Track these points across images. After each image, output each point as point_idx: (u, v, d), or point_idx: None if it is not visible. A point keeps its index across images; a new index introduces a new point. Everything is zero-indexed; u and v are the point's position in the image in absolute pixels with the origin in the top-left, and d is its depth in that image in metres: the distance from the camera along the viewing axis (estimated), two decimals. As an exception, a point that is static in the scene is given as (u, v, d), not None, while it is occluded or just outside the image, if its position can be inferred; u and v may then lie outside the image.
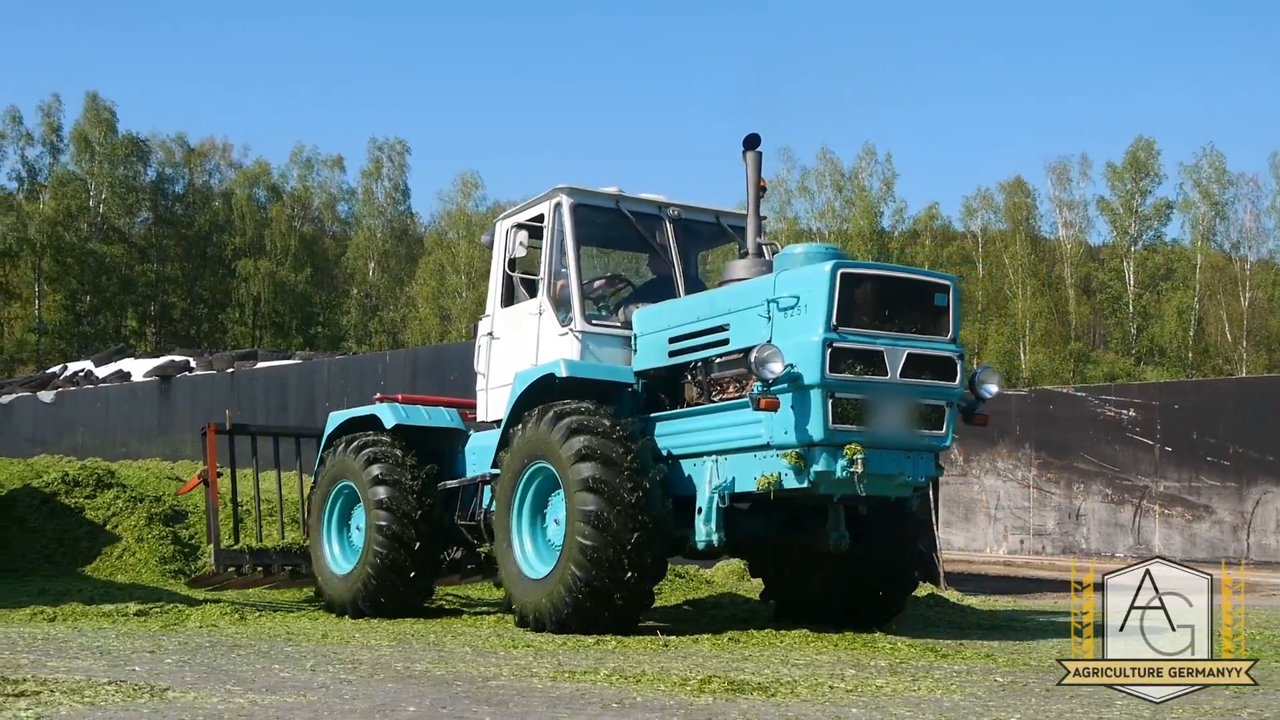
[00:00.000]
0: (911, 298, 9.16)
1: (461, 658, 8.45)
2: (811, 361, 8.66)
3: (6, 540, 16.19)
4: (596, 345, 10.38)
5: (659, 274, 11.38)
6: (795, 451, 8.82)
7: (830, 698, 6.79)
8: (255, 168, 73.20)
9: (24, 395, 38.36)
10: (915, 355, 8.98)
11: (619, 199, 11.00)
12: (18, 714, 5.84)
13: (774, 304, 9.05)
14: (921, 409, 9.09)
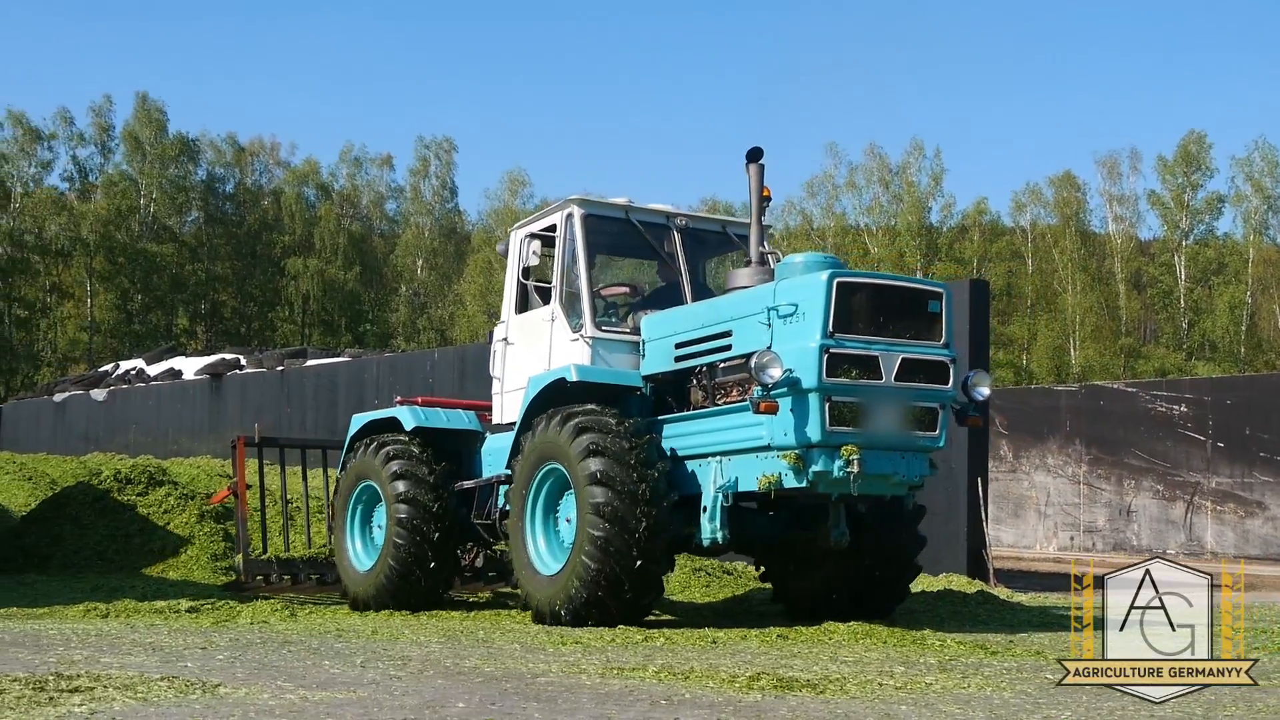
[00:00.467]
0: (906, 305, 9.48)
1: (510, 654, 8.47)
2: (809, 367, 8.99)
3: (60, 537, 16.35)
4: (606, 350, 10.73)
5: (667, 281, 11.67)
6: (794, 453, 9.16)
7: (879, 695, 6.76)
8: (304, 167, 73.68)
9: (77, 393, 38.78)
10: (909, 360, 9.29)
11: (629, 209, 11.37)
12: (72, 709, 5.90)
13: (774, 311, 9.40)
14: (916, 411, 9.43)
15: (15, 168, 64.72)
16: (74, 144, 67.08)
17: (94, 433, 36.13)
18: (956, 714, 6.16)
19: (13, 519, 18.26)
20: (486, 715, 6.00)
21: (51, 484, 20.75)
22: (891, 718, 6.03)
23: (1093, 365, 57.81)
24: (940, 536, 15.66)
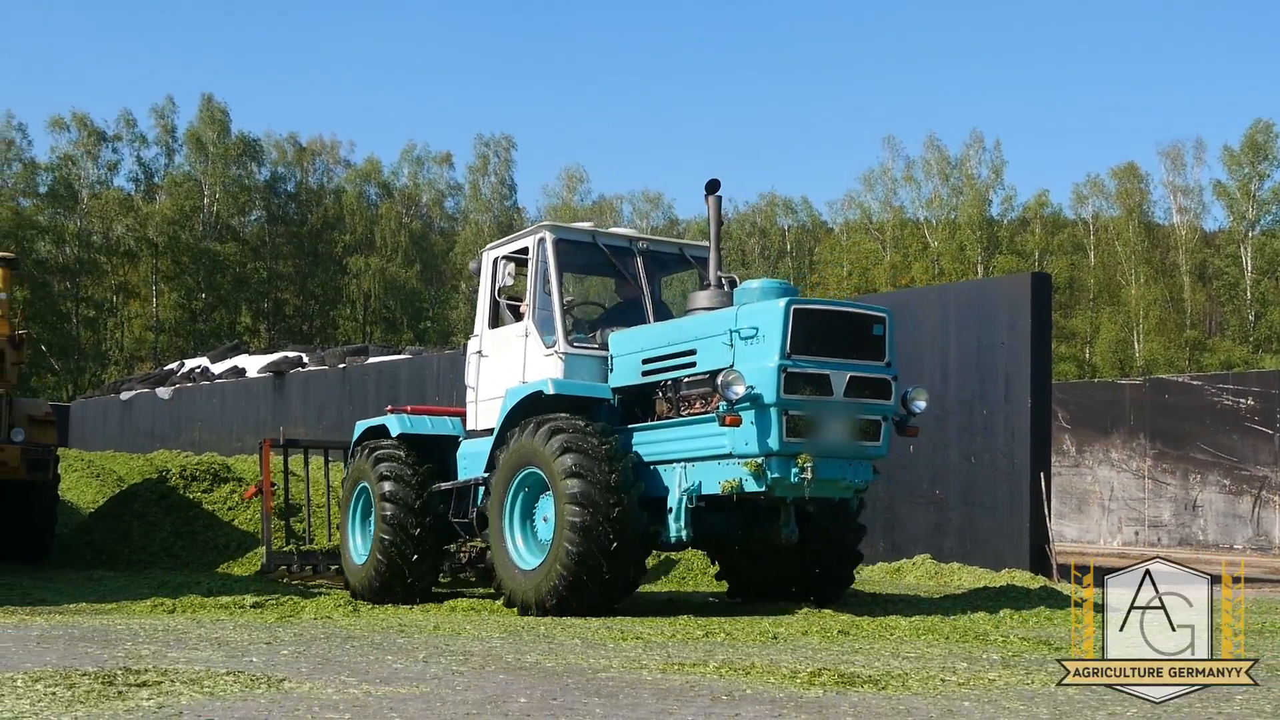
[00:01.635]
0: (853, 329, 10.50)
1: (571, 650, 8.49)
2: (769, 385, 9.96)
3: (127, 533, 16.56)
4: (577, 365, 11.60)
5: (628, 298, 12.56)
6: (756, 461, 10.07)
7: (942, 691, 6.73)
8: (365, 165, 74.18)
9: (143, 392, 39.24)
10: (856, 378, 10.30)
11: (595, 234, 12.33)
12: (140, 703, 5.98)
13: (736, 334, 10.36)
14: (862, 423, 10.44)
15: (82, 170, 65.60)
16: (138, 145, 67.94)
17: (160, 430, 36.55)
18: (1020, 711, 6.12)
19: (81, 515, 18.52)
20: (548, 710, 6.02)
21: (119, 481, 21.03)
22: (954, 714, 6.00)
23: (1157, 358, 57.16)
24: (1003, 532, 15.56)
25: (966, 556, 15.91)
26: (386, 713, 5.87)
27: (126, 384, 43.38)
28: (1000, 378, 15.85)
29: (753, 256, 70.49)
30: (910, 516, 16.80)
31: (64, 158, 65.57)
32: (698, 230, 71.97)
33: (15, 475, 14.81)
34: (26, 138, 66.81)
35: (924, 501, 16.64)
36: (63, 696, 6.11)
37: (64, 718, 5.62)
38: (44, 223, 64.67)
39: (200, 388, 36.59)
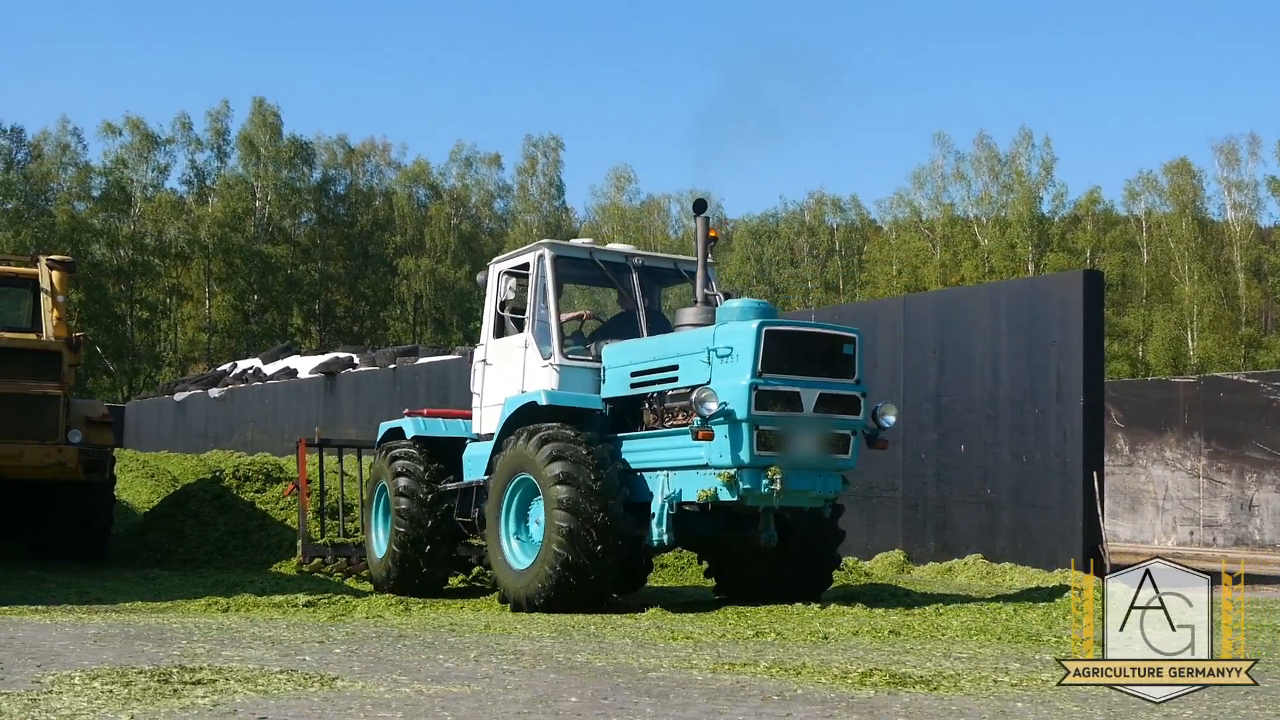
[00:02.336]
0: (823, 348, 11.09)
1: (622, 649, 8.50)
2: (741, 401, 10.53)
3: (181, 533, 16.70)
4: (572, 375, 12.20)
5: (626, 309, 13.16)
6: (728, 472, 10.67)
7: (995, 692, 6.69)
8: (415, 167, 74.53)
9: (196, 393, 39.60)
10: (826, 395, 10.88)
11: (592, 250, 12.89)
12: (195, 701, 6.04)
13: (713, 352, 10.94)
14: (831, 437, 11.04)
15: (135, 173, 66.28)
16: (192, 149, 68.61)
17: (213, 431, 36.87)
18: (1074, 712, 6.08)
19: (137, 515, 18.70)
20: (598, 710, 6.03)
21: (173, 481, 21.22)
22: (1007, 715, 5.97)
23: (1211, 356, 56.57)
24: (1055, 531, 15.46)
25: (1019, 556, 15.81)
26: (438, 711, 5.90)
27: (180, 385, 43.80)
28: (1052, 376, 15.74)
29: (801, 255, 70.32)
30: (961, 516, 16.71)
31: (117, 161, 66.28)
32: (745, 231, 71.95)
33: (73, 476, 14.96)
34: (81, 142, 67.74)
35: (975, 501, 16.55)
36: (119, 694, 6.18)
37: (121, 715, 5.68)
38: (98, 226, 65.39)
39: (253, 388, 36.88)
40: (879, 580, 15.43)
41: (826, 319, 19.41)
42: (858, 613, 11.18)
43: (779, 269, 69.25)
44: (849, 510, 18.13)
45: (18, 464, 14.58)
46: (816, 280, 68.86)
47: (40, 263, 16.65)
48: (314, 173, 71.51)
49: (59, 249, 51.13)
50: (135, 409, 45.39)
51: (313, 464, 16.55)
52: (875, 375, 17.90)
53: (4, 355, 14.74)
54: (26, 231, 60.49)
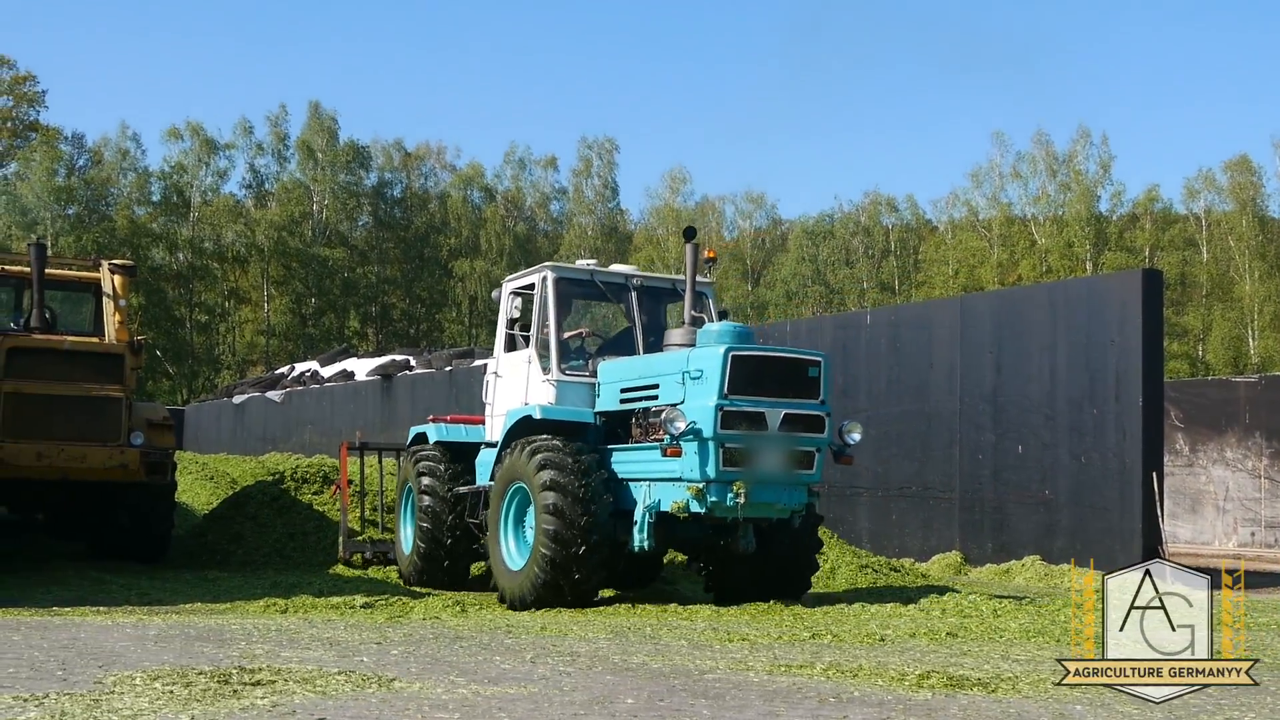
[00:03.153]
0: (789, 371, 11.86)
1: (678, 651, 8.50)
2: (708, 420, 11.34)
3: (240, 535, 16.84)
4: (570, 390, 13.00)
5: (626, 327, 13.86)
6: (697, 486, 11.49)
7: (1053, 694, 6.65)
8: (469, 170, 74.84)
9: (255, 395, 39.93)
10: (791, 414, 11.64)
11: (593, 272, 13.72)
12: (255, 702, 6.09)
13: (687, 374, 11.74)
14: (796, 454, 11.75)
15: (194, 177, 66.96)
16: (252, 154, 69.23)
17: (271, 433, 37.16)
18: (1134, 715, 6.03)
19: (196, 517, 18.87)
20: (655, 712, 6.03)
21: (232, 483, 21.40)
22: (1066, 718, 5.92)
23: (1272, 355, 55.82)
24: (1114, 533, 15.33)
25: (1077, 558, 15.68)
26: (495, 712, 5.93)
27: (239, 388, 44.17)
28: (1111, 376, 15.61)
29: (857, 255, 70.04)
30: (1019, 517, 16.59)
31: (177, 166, 66.98)
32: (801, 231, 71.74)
33: (134, 478, 15.09)
34: (140, 147, 68.49)
35: (1033, 502, 16.43)
36: (180, 695, 6.24)
37: (181, 716, 5.74)
38: (158, 230, 66.07)
39: (310, 391, 37.13)
40: (936, 580, 15.34)
41: (882, 320, 19.34)
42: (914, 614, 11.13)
43: (834, 270, 68.99)
44: (906, 511, 18.09)
45: (81, 466, 14.73)
46: (872, 281, 68.56)
47: (102, 267, 16.84)
48: (370, 176, 71.96)
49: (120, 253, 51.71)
50: (195, 411, 45.83)
51: (356, 465, 17.51)
52: (931, 375, 17.82)
53: (67, 358, 14.90)
54: (88, 236, 61.18)
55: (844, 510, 19.02)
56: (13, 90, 69.08)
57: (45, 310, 15.96)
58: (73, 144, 68.49)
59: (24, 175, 64.84)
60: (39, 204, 62.10)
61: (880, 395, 18.72)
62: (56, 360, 14.80)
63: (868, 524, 18.67)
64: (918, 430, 18.04)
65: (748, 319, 65.37)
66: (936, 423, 17.76)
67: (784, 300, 67.66)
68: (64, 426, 14.67)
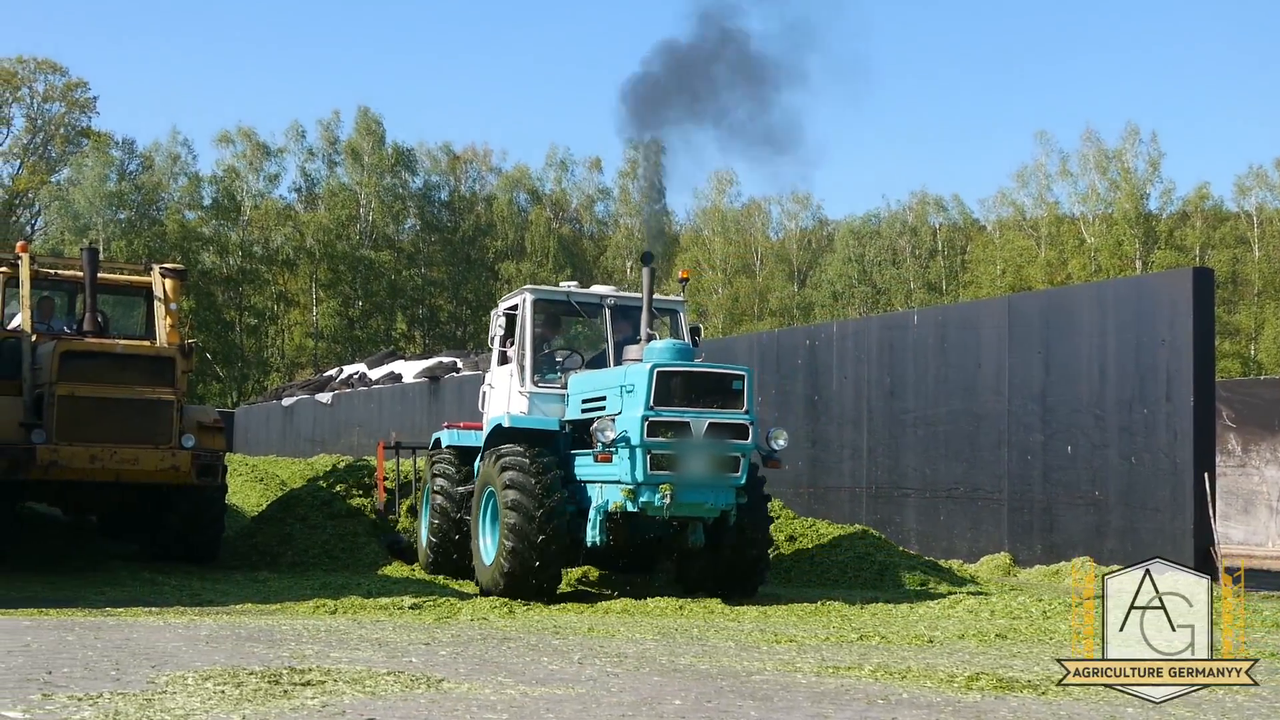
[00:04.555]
0: (714, 384, 12.88)
1: (725, 652, 8.50)
2: (635, 430, 12.44)
3: (290, 536, 16.94)
4: (542, 401, 14.29)
5: (601, 345, 14.97)
6: (628, 488, 12.61)
7: (1104, 696, 6.60)
8: (515, 172, 75.05)
9: (304, 398, 40.17)
10: (715, 423, 12.62)
11: (570, 294, 15.05)
12: (305, 702, 6.14)
13: (623, 388, 12.90)
14: (721, 459, 12.73)
15: (244, 182, 67.51)
16: (304, 158, 69.75)
17: (320, 435, 37.38)
18: (1186, 718, 5.98)
19: (246, 519, 19.00)
20: (702, 713, 6.03)
21: (281, 485, 21.54)
22: (1117, 720, 5.89)
23: (1327, 354, 55.19)
24: (1165, 534, 15.19)
25: (1128, 559, 15.54)
26: (543, 713, 5.95)
27: (287, 390, 44.45)
28: (1161, 376, 15.48)
29: (904, 255, 69.73)
30: (1069, 518, 16.48)
31: (228, 170, 67.56)
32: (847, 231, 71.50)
33: (185, 480, 15.20)
34: (191, 152, 69.10)
35: (1083, 503, 16.31)
36: (231, 695, 6.30)
37: (233, 715, 5.79)
38: (208, 234, 66.66)
39: (358, 393, 37.32)
40: (984, 583, 15.25)
41: (930, 320, 19.25)
42: (963, 616, 11.08)
43: (881, 270, 68.71)
44: (954, 512, 18.01)
45: (133, 468, 14.86)
46: (919, 281, 68.24)
47: (153, 271, 17.01)
48: (417, 179, 72.31)
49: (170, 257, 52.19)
50: (244, 414, 46.16)
51: (392, 464, 18.76)
52: (979, 376, 17.72)
53: (120, 361, 15.05)
54: (139, 241, 61.78)
55: (891, 511, 18.96)
56: (65, 97, 69.86)
57: (98, 314, 16.14)
58: (124, 149, 69.15)
59: (76, 181, 65.58)
60: (91, 209, 62.78)
61: (928, 395, 18.64)
62: (109, 364, 14.95)
63: (915, 525, 18.59)
64: (966, 431, 17.95)
65: (793, 320, 65.28)
66: (985, 423, 17.67)
67: (830, 301, 67.46)
68: (117, 429, 14.81)
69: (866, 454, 19.47)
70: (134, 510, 16.70)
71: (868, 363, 19.68)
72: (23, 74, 68.77)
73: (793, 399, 20.94)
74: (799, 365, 20.94)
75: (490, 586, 13.31)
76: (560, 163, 75.06)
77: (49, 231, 66.13)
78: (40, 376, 14.95)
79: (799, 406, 20.77)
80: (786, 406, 20.96)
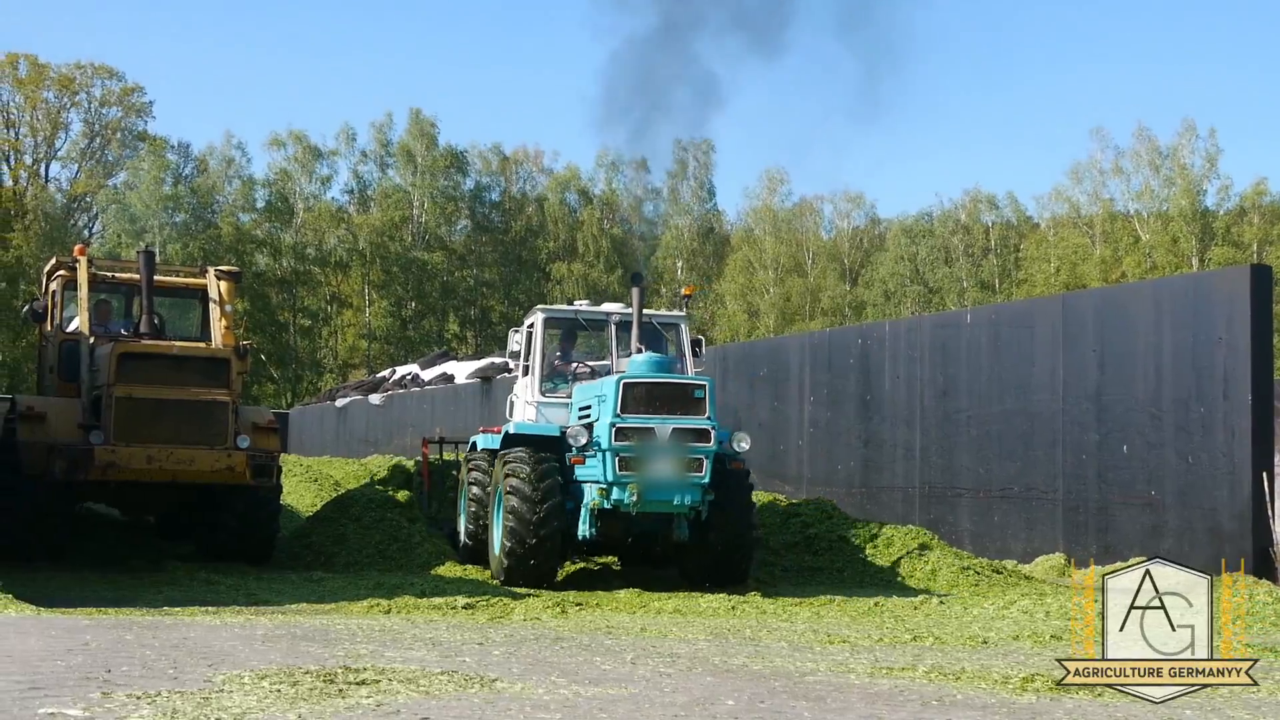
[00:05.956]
0: (677, 393, 14.26)
1: (778, 653, 8.49)
2: (605, 435, 14.02)
3: (344, 537, 17.04)
4: (549, 410, 15.97)
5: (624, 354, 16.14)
6: (601, 487, 14.20)
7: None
8: (566, 173, 75.19)
9: (357, 399, 40.40)
10: (679, 429, 14.03)
11: (578, 312, 16.75)
12: (360, 701, 6.18)
13: (599, 398, 14.44)
14: (685, 461, 14.05)
15: (297, 184, 68.02)
16: (355, 161, 70.22)
17: (373, 436, 37.57)
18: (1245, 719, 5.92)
19: (300, 519, 19.13)
20: (755, 714, 6.03)
21: (335, 485, 21.68)
22: (1174, 722, 5.83)
23: (1388, 352, 54.32)
24: (1223, 534, 15.03)
25: (1184, 560, 15.35)
26: (596, 714, 5.96)
27: (341, 391, 44.72)
28: (1218, 375, 15.31)
29: (956, 254, 69.33)
30: (1125, 518, 16.33)
31: (280, 173, 68.10)
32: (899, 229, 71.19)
33: (241, 480, 15.30)
34: (245, 155, 69.68)
35: (1139, 503, 16.16)
36: (287, 694, 6.35)
37: (289, 714, 5.84)
38: (262, 236, 67.21)
39: (411, 394, 37.50)
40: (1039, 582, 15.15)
41: (983, 319, 19.14)
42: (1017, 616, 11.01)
43: (933, 269, 68.36)
44: (1008, 512, 17.89)
45: (189, 469, 14.98)
46: (972, 279, 67.83)
47: (208, 274, 17.17)
48: (468, 181, 72.58)
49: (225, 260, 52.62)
50: (298, 415, 46.47)
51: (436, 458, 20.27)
52: (1033, 374, 17.60)
53: (176, 363, 15.19)
54: (195, 243, 62.38)
55: (945, 511, 18.85)
56: (121, 101, 70.53)
57: (154, 316, 16.28)
58: (179, 153, 69.84)
59: (133, 185, 66.33)
60: (147, 212, 63.47)
61: (981, 395, 18.52)
62: (165, 365, 15.10)
63: (969, 525, 18.48)
64: (1020, 430, 17.82)
65: (845, 319, 65.02)
66: (1039, 422, 17.53)
67: (882, 300, 67.18)
68: (173, 430, 14.95)
69: (920, 454, 19.37)
70: (190, 510, 16.84)
71: (920, 362, 19.58)
72: (80, 80, 69.47)
73: (845, 399, 20.86)
74: (851, 365, 20.86)
75: (497, 574, 14.89)
76: (610, 163, 75.15)
77: (106, 235, 66.83)
78: (98, 378, 15.12)
79: (851, 406, 20.69)
80: (838, 406, 20.89)
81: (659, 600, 13.26)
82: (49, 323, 17.14)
